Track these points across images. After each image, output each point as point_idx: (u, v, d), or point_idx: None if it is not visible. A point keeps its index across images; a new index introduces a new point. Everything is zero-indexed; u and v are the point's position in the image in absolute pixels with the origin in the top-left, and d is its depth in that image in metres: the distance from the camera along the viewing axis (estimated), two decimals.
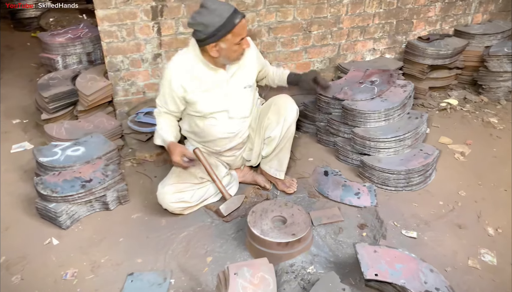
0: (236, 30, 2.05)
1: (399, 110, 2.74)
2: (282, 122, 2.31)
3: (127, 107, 3.14)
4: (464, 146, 2.96)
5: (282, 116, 2.31)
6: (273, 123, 2.33)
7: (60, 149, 2.61)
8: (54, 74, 3.35)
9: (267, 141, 2.40)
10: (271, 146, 2.39)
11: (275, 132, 2.32)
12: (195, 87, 2.23)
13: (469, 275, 1.96)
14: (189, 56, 2.24)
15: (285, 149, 2.42)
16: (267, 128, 2.36)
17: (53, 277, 2.00)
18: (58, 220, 2.24)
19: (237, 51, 2.15)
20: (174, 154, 2.20)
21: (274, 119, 2.33)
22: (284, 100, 2.34)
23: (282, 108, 2.32)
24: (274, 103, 2.35)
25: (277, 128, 2.32)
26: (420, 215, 2.33)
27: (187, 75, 2.22)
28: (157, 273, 1.99)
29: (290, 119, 2.32)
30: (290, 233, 2.02)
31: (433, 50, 3.49)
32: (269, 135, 2.35)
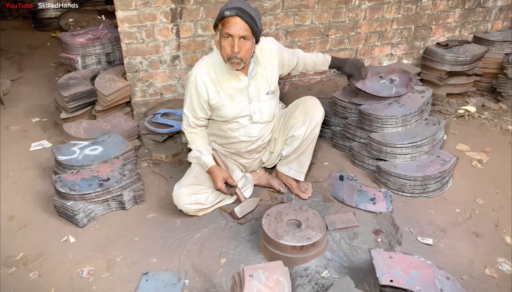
0: (224, 21, 2.04)
1: (417, 116, 2.72)
2: (308, 122, 2.32)
3: (144, 108, 3.18)
4: (482, 154, 2.92)
5: (309, 116, 2.32)
6: (299, 122, 2.34)
7: (78, 148, 2.65)
8: (74, 74, 3.41)
9: (290, 140, 2.40)
10: (293, 145, 2.39)
11: (299, 132, 2.33)
12: (218, 92, 2.24)
13: (486, 284, 1.93)
14: (213, 61, 2.24)
15: (307, 151, 2.42)
16: (292, 127, 2.37)
17: (70, 274, 2.03)
18: (75, 218, 2.28)
19: (226, 50, 2.09)
20: (218, 180, 2.27)
21: (300, 118, 2.34)
22: (312, 101, 2.36)
23: (309, 108, 2.33)
24: (302, 102, 2.37)
25: (302, 127, 2.33)
26: (437, 222, 2.31)
27: (211, 80, 2.22)
28: (172, 273, 2.00)
29: (316, 120, 2.33)
30: (304, 237, 2.02)
31: (452, 56, 3.46)
32: (293, 134, 2.36)
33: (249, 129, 2.36)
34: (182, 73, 3.13)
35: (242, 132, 2.36)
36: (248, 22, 2.04)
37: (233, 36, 2.05)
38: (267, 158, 2.56)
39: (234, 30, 2.04)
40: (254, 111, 2.33)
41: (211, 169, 2.29)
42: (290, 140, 2.40)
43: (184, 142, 3.01)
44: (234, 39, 2.06)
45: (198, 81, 2.22)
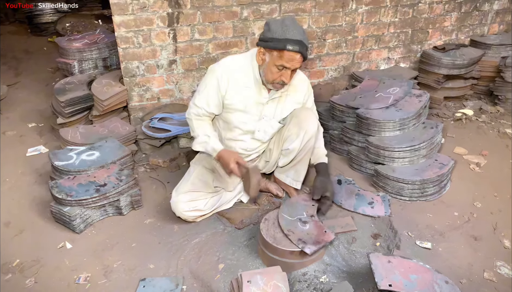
0: (284, 54, 2.01)
1: (414, 119, 2.72)
2: (302, 135, 2.28)
3: (141, 113, 3.17)
4: (479, 157, 2.93)
5: (303, 129, 2.28)
6: (293, 135, 2.30)
7: (75, 153, 2.64)
8: (70, 78, 3.40)
9: (285, 153, 2.37)
10: (289, 158, 2.37)
11: (294, 145, 2.30)
12: (235, 95, 2.20)
13: (485, 288, 1.92)
14: (242, 64, 2.21)
15: (303, 161, 2.40)
16: (287, 139, 2.34)
17: (66, 281, 2.01)
18: (72, 224, 2.26)
19: (274, 75, 2.09)
20: (230, 161, 2.15)
21: (294, 131, 2.30)
22: (305, 114, 2.31)
23: (303, 121, 2.28)
24: (295, 115, 2.32)
25: (296, 140, 2.29)
26: (435, 226, 2.30)
27: (234, 80, 2.19)
28: (169, 279, 1.99)
29: (310, 132, 2.29)
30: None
31: (449, 60, 3.47)
32: (288, 147, 2.33)
33: (247, 143, 2.36)
34: (179, 77, 3.13)
35: (241, 144, 2.36)
36: (305, 56, 2.06)
37: (289, 69, 2.06)
38: (263, 165, 2.55)
39: (292, 65, 2.04)
40: (259, 130, 2.32)
41: (221, 152, 2.20)
42: (285, 152, 2.37)
43: (182, 146, 3.00)
44: (287, 71, 2.07)
45: (223, 75, 2.17)
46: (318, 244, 1.98)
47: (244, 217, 2.37)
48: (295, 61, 2.03)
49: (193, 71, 3.14)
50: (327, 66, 3.54)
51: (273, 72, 2.08)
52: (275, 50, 2.02)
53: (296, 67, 2.08)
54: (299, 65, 2.08)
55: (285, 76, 2.08)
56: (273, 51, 2.03)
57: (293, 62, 2.03)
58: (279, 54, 2.02)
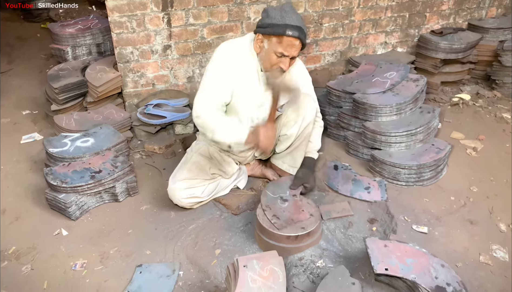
0: (283, 39, 1.98)
1: (411, 104, 2.70)
2: (300, 121, 2.26)
3: (136, 99, 3.14)
4: (476, 142, 2.92)
5: (301, 115, 2.26)
6: (291, 121, 2.28)
7: (69, 140, 2.61)
8: (64, 65, 3.35)
9: (283, 139, 2.36)
10: (286, 143, 2.36)
11: (292, 131, 2.29)
12: (238, 80, 2.16)
13: (481, 271, 1.93)
14: (242, 49, 2.16)
15: (300, 148, 2.38)
16: (285, 125, 2.32)
17: (63, 267, 2.01)
18: (68, 211, 2.25)
19: (272, 63, 2.07)
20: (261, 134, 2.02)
21: (292, 117, 2.28)
22: (304, 99, 2.28)
23: (301, 107, 2.26)
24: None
25: (294, 126, 2.28)
26: (431, 210, 2.30)
27: (237, 64, 2.14)
28: (166, 265, 1.99)
29: (309, 118, 2.28)
30: (299, 226, 2.00)
31: (446, 44, 3.44)
32: (286, 133, 2.31)
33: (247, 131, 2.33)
34: (174, 63, 3.09)
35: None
36: (304, 43, 2.04)
37: (288, 56, 2.03)
38: (260, 152, 2.53)
39: (291, 52, 2.02)
40: (258, 117, 2.30)
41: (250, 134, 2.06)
42: (283, 138, 2.36)
43: (177, 133, 2.98)
44: (287, 58, 2.04)
45: (228, 62, 2.11)
46: (291, 222, 2.01)
47: (241, 203, 2.37)
48: (294, 48, 2.01)
49: (188, 57, 3.10)
50: (323, 51, 3.51)
51: (272, 59, 2.06)
52: (274, 36, 2.00)
53: (295, 55, 2.05)
54: (298, 53, 2.05)
55: (284, 63, 2.06)
56: (272, 37, 2.00)
57: (292, 49, 2.01)
58: (278, 40, 1.99)
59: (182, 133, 2.98)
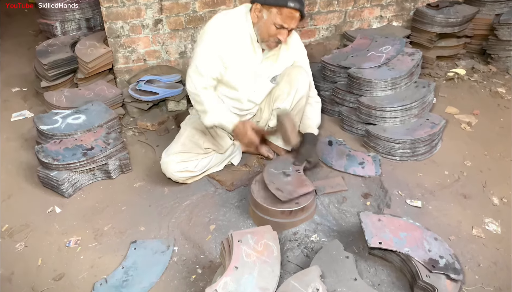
0: (283, 11, 1.94)
1: (406, 79, 2.68)
2: (293, 94, 2.24)
3: (127, 75, 3.08)
4: (471, 116, 2.91)
5: (294, 87, 2.23)
6: (284, 94, 2.26)
7: (60, 117, 2.57)
8: (53, 40, 3.28)
9: (276, 112, 2.34)
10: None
11: (285, 104, 2.26)
12: (231, 53, 2.11)
13: (473, 244, 1.95)
14: (235, 21, 2.10)
15: None
16: (277, 98, 2.30)
17: (57, 244, 2.00)
18: (60, 188, 2.23)
19: (271, 34, 2.02)
20: (247, 131, 2.09)
21: (285, 90, 2.26)
22: (297, 72, 2.26)
23: (294, 80, 2.24)
24: (287, 74, 2.27)
25: (287, 99, 2.25)
26: (425, 184, 2.31)
27: (230, 38, 2.09)
28: (161, 241, 1.99)
29: (302, 91, 2.25)
30: (293, 202, 2.00)
31: (442, 17, 3.39)
32: (278, 106, 2.28)
33: (242, 104, 2.31)
34: (165, 38, 3.03)
35: (234, 104, 2.29)
36: (303, 15, 2.00)
37: (287, 28, 1.99)
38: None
39: (290, 25, 1.99)
40: (254, 90, 2.27)
41: (237, 124, 2.11)
42: (276, 111, 2.33)
43: (170, 110, 2.94)
44: (286, 30, 2.00)
45: (218, 37, 2.06)
46: (295, 193, 2.00)
47: (235, 179, 2.36)
48: (294, 20, 1.98)
49: (179, 31, 3.04)
50: (318, 25, 3.45)
51: (270, 30, 2.02)
52: (274, 7, 1.95)
53: (293, 27, 2.02)
54: (296, 25, 2.02)
55: (283, 35, 2.03)
56: (272, 8, 1.96)
57: (292, 21, 1.98)
58: (278, 11, 1.95)
59: (175, 109, 2.94)
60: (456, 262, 1.70)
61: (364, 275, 1.80)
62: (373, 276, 1.80)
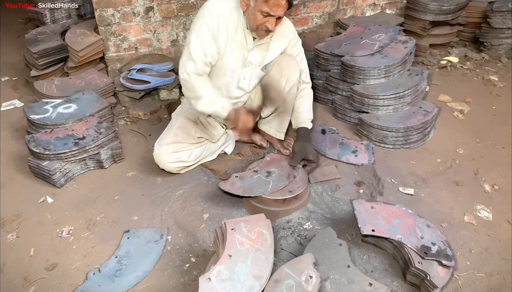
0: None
1: (400, 66, 2.67)
2: (284, 83, 2.22)
3: (119, 64, 3.05)
4: (463, 104, 2.92)
5: (284, 77, 2.22)
6: (275, 83, 2.25)
7: (51, 106, 2.54)
8: (42, 28, 3.22)
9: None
10: (271, 107, 2.32)
11: None
12: (226, 39, 2.08)
13: (465, 230, 1.97)
14: (230, 7, 2.07)
15: (285, 111, 2.35)
16: None
17: (49, 234, 1.99)
18: (52, 178, 2.21)
19: (258, 22, 1.99)
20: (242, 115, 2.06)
21: (276, 78, 2.24)
22: (287, 61, 2.24)
23: (285, 69, 2.22)
24: (277, 63, 2.25)
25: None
26: (418, 172, 2.32)
27: (225, 23, 2.06)
28: (154, 229, 1.98)
29: (293, 80, 2.24)
30: (287, 190, 2.00)
31: (436, 5, 3.37)
32: None
33: (232, 92, 2.29)
34: (157, 26, 2.99)
35: (224, 93, 2.26)
36: (291, 3, 1.96)
37: (274, 16, 1.95)
38: (237, 133, 2.49)
39: (276, 12, 1.94)
40: (244, 77, 2.24)
41: (231, 110, 2.08)
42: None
43: (162, 99, 2.92)
44: (273, 18, 1.96)
45: (213, 18, 2.02)
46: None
47: (228, 168, 2.36)
48: (280, 7, 1.93)
49: (171, 19, 3.00)
50: (311, 13, 3.42)
51: (258, 19, 1.98)
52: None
53: (280, 15, 1.98)
54: (284, 13, 1.98)
55: (270, 23, 1.98)
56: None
57: (278, 8, 1.93)
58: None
59: (167, 98, 2.92)
60: (448, 249, 1.71)
61: (357, 262, 1.81)
62: (366, 263, 1.82)
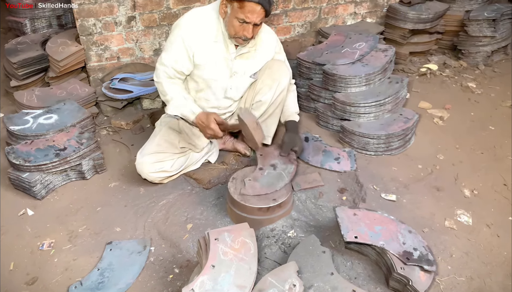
0: (244, 5, 1.91)
1: (380, 74, 2.72)
2: (275, 87, 2.25)
3: (101, 73, 3.03)
4: (443, 111, 2.98)
5: (275, 81, 2.24)
6: (266, 87, 2.26)
7: (31, 117, 2.51)
8: (22, 38, 3.19)
9: (257, 105, 2.33)
10: (260, 110, 2.33)
11: (266, 97, 2.27)
12: (205, 51, 2.10)
13: (446, 235, 2.00)
14: (206, 17, 2.08)
15: (273, 115, 2.37)
16: (259, 92, 2.29)
17: (29, 248, 1.95)
18: (33, 190, 2.18)
19: (236, 29, 2.00)
20: (210, 123, 2.05)
21: (267, 82, 2.26)
22: (278, 65, 2.27)
23: (276, 73, 2.25)
24: (268, 67, 2.28)
25: (269, 92, 2.25)
26: (399, 178, 2.35)
27: (201, 36, 2.07)
28: (137, 241, 1.96)
29: (283, 84, 2.26)
30: (271, 198, 2.01)
31: (414, 14, 3.45)
32: (260, 99, 2.29)
33: (220, 102, 2.29)
34: (139, 35, 2.98)
35: (212, 103, 2.27)
36: (267, 10, 1.96)
37: (250, 23, 1.96)
38: (233, 123, 2.49)
39: (252, 19, 1.95)
40: (231, 87, 2.25)
41: (200, 115, 2.09)
42: (257, 105, 2.33)
43: (145, 108, 2.91)
44: (249, 25, 1.97)
45: (189, 29, 2.05)
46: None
47: (212, 177, 2.35)
48: (255, 14, 1.94)
49: (153, 28, 3.00)
50: (293, 22, 3.46)
51: (235, 26, 2.00)
52: (235, 1, 1.93)
53: (257, 22, 1.98)
54: (260, 19, 1.99)
55: (247, 30, 2.00)
56: (234, 2, 1.94)
57: (254, 15, 1.94)
58: (239, 5, 1.93)
59: (150, 107, 2.91)
60: (430, 254, 1.73)
61: (341, 269, 1.82)
62: (349, 269, 1.83)
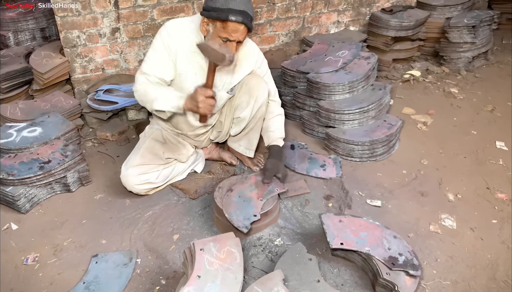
0: (227, 25, 1.90)
1: (363, 82, 2.75)
2: (252, 103, 2.23)
3: (86, 85, 3.02)
4: (426, 116, 3.02)
5: (253, 97, 2.23)
6: (244, 103, 2.25)
7: (15, 130, 2.49)
8: (5, 51, 3.16)
9: (236, 121, 2.34)
10: (240, 126, 2.34)
11: (245, 113, 2.26)
12: (186, 60, 2.09)
13: (431, 240, 2.02)
14: (190, 28, 2.08)
15: (255, 129, 2.37)
16: (237, 108, 2.29)
17: (13, 262, 1.93)
18: (17, 204, 2.15)
19: None
20: (199, 96, 1.94)
21: (245, 99, 2.24)
22: (256, 81, 2.25)
23: (253, 89, 2.23)
24: (245, 83, 2.26)
25: (247, 108, 2.25)
26: (384, 184, 2.37)
27: (184, 44, 2.07)
28: (123, 253, 1.95)
29: (261, 100, 2.25)
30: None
31: (396, 21, 3.51)
32: (239, 115, 2.28)
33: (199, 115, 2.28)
34: (123, 46, 2.98)
35: (190, 115, 2.24)
36: (250, 27, 1.96)
37: (234, 41, 1.96)
38: (216, 136, 2.49)
39: (235, 37, 1.94)
40: None
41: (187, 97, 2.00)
42: (237, 121, 2.33)
43: (131, 119, 2.90)
44: (233, 43, 1.97)
45: (171, 36, 2.04)
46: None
47: (199, 187, 2.35)
48: (239, 33, 1.94)
49: (138, 39, 3.00)
50: (277, 31, 3.49)
51: None
52: (218, 21, 1.92)
53: (240, 40, 1.99)
54: (244, 37, 1.99)
55: (231, 48, 1.98)
56: (216, 22, 1.93)
57: (237, 34, 1.94)
58: (222, 25, 1.92)
59: (135, 118, 2.90)
60: (415, 258, 1.75)
61: (327, 276, 1.83)
62: (336, 276, 1.84)
